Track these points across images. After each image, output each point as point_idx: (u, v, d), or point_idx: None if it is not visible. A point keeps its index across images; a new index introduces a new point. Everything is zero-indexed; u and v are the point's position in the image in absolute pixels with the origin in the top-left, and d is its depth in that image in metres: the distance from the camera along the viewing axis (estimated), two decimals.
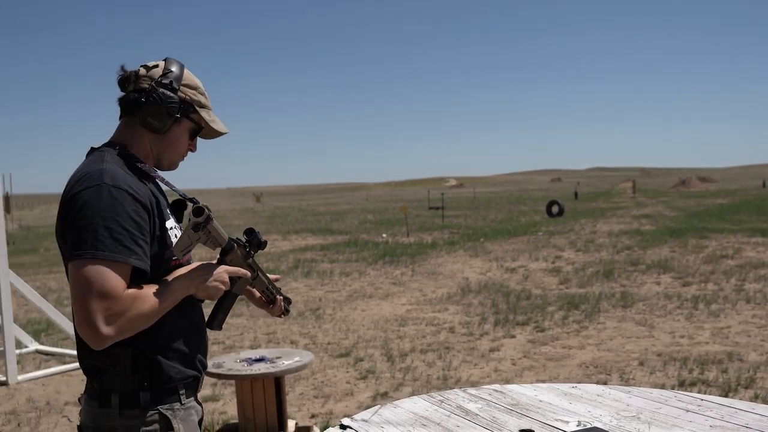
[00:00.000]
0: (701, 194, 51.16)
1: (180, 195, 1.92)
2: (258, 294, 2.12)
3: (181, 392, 1.80)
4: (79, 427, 1.84)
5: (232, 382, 5.67)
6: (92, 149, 1.84)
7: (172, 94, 1.81)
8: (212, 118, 1.94)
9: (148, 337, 1.74)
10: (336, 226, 27.42)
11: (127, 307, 1.62)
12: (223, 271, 1.83)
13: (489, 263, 13.62)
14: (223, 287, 1.82)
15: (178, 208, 1.97)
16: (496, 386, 2.29)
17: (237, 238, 1.93)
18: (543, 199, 40.55)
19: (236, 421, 4.85)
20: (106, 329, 1.58)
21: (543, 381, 5.79)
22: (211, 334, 8.03)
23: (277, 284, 2.13)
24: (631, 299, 9.09)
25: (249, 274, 1.93)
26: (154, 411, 1.75)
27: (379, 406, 2.13)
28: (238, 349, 7.31)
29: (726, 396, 5.10)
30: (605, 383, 5.58)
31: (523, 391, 2.22)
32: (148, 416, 1.75)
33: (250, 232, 1.97)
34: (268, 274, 2.10)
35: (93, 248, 1.60)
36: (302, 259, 15.54)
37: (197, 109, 1.89)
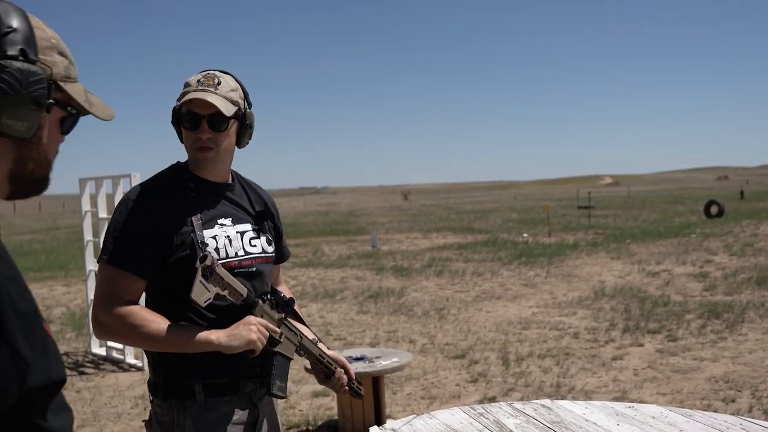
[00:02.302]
0: None
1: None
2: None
3: (197, 391, 1.87)
4: None
5: None
6: None
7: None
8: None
9: None
10: (478, 224, 27.18)
11: (124, 314, 1.83)
12: (252, 318, 1.88)
13: (630, 266, 12.96)
14: (254, 335, 1.84)
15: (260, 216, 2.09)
16: (546, 401, 2.16)
17: (262, 295, 1.97)
18: (704, 198, 37.97)
19: (338, 417, 4.92)
20: (96, 320, 1.87)
21: (664, 394, 5.42)
22: (334, 329, 8.23)
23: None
24: None
25: (278, 330, 1.94)
26: (168, 402, 1.86)
27: (414, 416, 2.07)
28: (358, 345, 7.42)
29: None
30: (733, 400, 5.15)
31: (571, 409, 2.08)
32: (165, 406, 1.91)
33: (273, 292, 2.01)
34: (326, 348, 2.11)
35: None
36: (437, 257, 15.53)
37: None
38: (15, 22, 1.05)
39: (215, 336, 1.82)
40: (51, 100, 1.11)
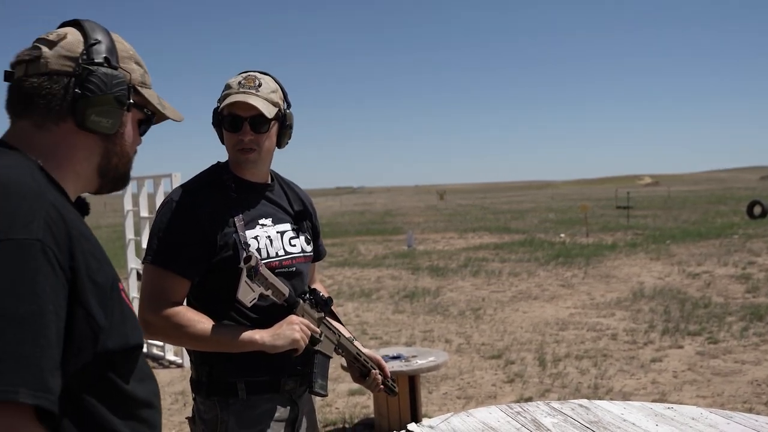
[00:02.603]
0: None
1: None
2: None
3: (240, 388, 1.91)
4: None
5: None
6: None
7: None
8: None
9: None
10: (514, 224, 27.01)
11: (171, 314, 1.88)
12: (294, 317, 1.92)
13: (670, 267, 12.76)
14: (297, 334, 1.88)
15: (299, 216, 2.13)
16: (584, 401, 2.15)
17: (301, 294, 2.00)
18: (747, 198, 37.18)
19: (374, 416, 4.95)
20: (143, 320, 1.87)
21: (704, 397, 5.34)
22: (370, 328, 8.27)
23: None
24: None
25: (318, 330, 1.97)
26: (211, 400, 1.89)
27: (451, 413, 2.08)
28: (394, 344, 7.44)
29: None
30: None
31: (609, 409, 2.08)
32: (207, 403, 1.94)
33: (312, 292, 2.04)
34: (362, 347, 2.14)
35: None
36: (473, 257, 15.48)
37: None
38: (99, 36, 1.25)
39: (259, 336, 1.85)
40: (131, 101, 1.28)
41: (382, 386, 2.17)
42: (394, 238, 22.03)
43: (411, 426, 1.98)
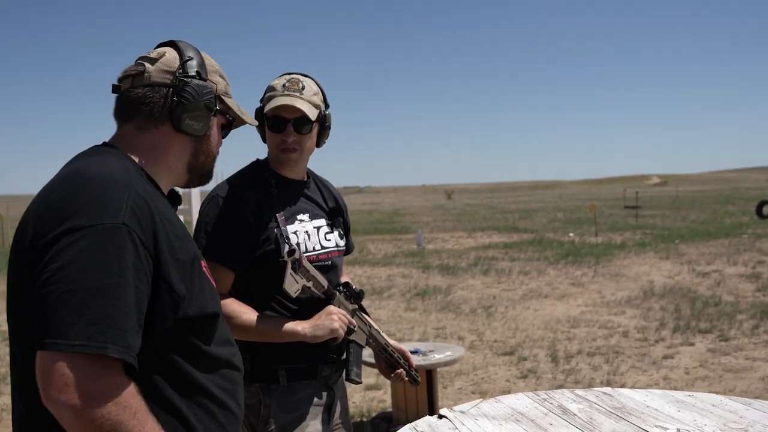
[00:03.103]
0: None
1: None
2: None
3: (280, 375, 2.01)
4: None
5: None
6: None
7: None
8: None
9: None
10: (523, 224, 27.06)
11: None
12: (333, 308, 2.03)
13: (680, 266, 12.82)
14: (336, 324, 1.99)
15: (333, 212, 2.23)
16: (607, 389, 2.24)
17: (336, 286, 2.11)
18: (755, 198, 37.13)
19: (391, 410, 5.04)
20: None
21: (716, 393, 5.40)
22: (383, 325, 8.35)
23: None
24: None
25: (354, 322, 2.08)
26: (253, 386, 1.99)
27: (480, 400, 2.17)
28: (407, 341, 7.53)
29: None
30: None
31: (632, 396, 2.16)
32: (250, 390, 2.02)
33: (345, 285, 2.15)
34: (389, 339, 2.26)
35: None
36: (483, 256, 15.56)
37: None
38: (192, 54, 1.50)
39: (301, 327, 1.96)
40: (217, 108, 1.52)
41: (406, 378, 2.28)
42: (403, 237, 22.12)
43: (443, 411, 2.07)
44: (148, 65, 1.46)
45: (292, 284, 1.90)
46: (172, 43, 1.53)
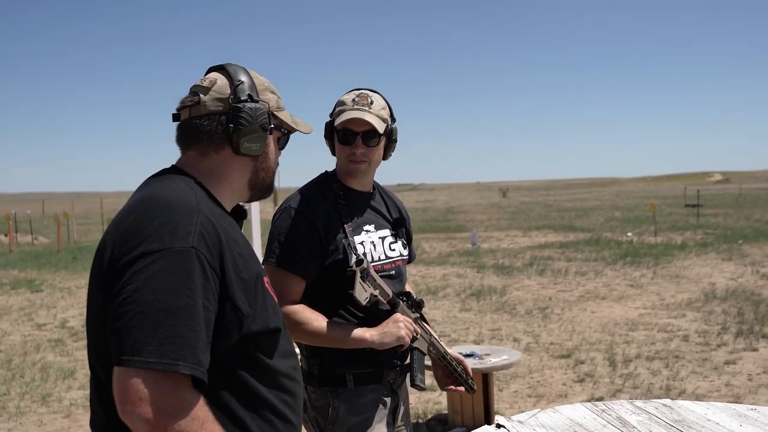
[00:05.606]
0: None
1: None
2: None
3: (348, 379, 2.09)
4: None
5: None
6: None
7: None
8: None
9: None
10: (579, 223, 26.69)
11: (290, 312, 2.04)
12: (399, 316, 2.11)
13: (743, 268, 12.48)
14: (403, 331, 2.06)
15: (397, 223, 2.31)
16: (666, 401, 2.24)
17: (399, 295, 2.17)
18: None
19: (447, 412, 5.07)
20: None
21: None
22: (438, 326, 8.38)
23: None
24: None
25: (418, 330, 2.14)
26: (322, 390, 2.07)
27: (538, 410, 2.20)
28: (462, 342, 7.55)
29: None
30: None
31: (693, 409, 2.15)
32: (319, 393, 2.13)
33: (407, 294, 2.22)
34: (450, 350, 2.30)
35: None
36: (539, 256, 15.42)
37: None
38: (242, 77, 1.55)
39: (369, 334, 2.03)
40: (272, 126, 1.57)
41: (462, 387, 2.32)
42: (458, 236, 22.07)
43: (500, 420, 2.10)
44: (202, 96, 1.52)
45: (362, 293, 1.98)
46: (221, 68, 1.58)
